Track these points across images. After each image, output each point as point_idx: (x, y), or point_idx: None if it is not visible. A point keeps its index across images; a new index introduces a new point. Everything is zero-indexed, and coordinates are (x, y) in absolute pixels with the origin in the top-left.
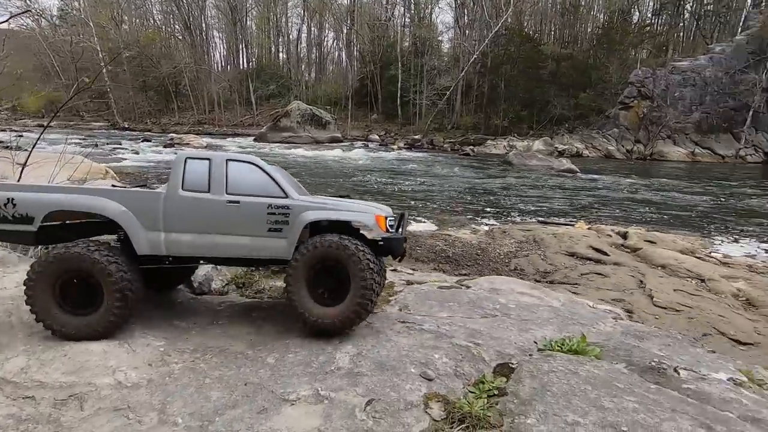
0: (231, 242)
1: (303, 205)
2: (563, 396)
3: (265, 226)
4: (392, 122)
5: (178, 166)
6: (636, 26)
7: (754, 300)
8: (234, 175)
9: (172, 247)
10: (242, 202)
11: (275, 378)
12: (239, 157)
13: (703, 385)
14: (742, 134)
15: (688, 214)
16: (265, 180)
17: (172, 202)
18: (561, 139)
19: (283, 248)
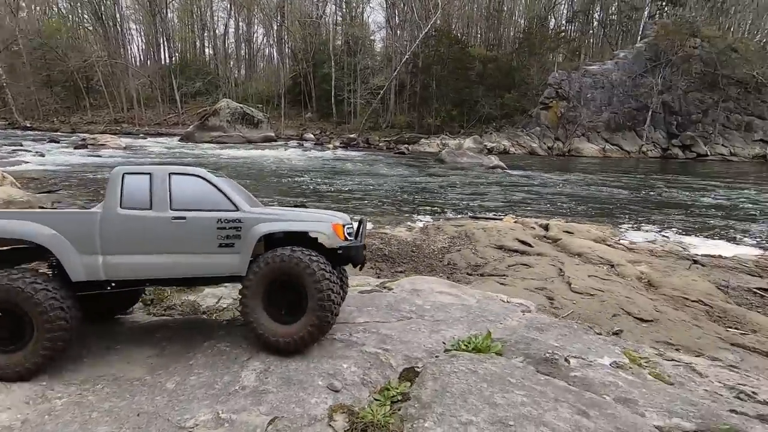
0: (179, 261)
1: (255, 217)
2: (461, 396)
3: (216, 241)
4: (327, 121)
5: (115, 183)
6: (552, 32)
7: (654, 281)
8: (178, 189)
9: (113, 271)
10: (189, 218)
11: (173, 404)
12: (183, 169)
13: (588, 371)
14: (643, 132)
15: (601, 205)
16: (213, 193)
17: (110, 222)
18: (489, 137)
19: (236, 264)
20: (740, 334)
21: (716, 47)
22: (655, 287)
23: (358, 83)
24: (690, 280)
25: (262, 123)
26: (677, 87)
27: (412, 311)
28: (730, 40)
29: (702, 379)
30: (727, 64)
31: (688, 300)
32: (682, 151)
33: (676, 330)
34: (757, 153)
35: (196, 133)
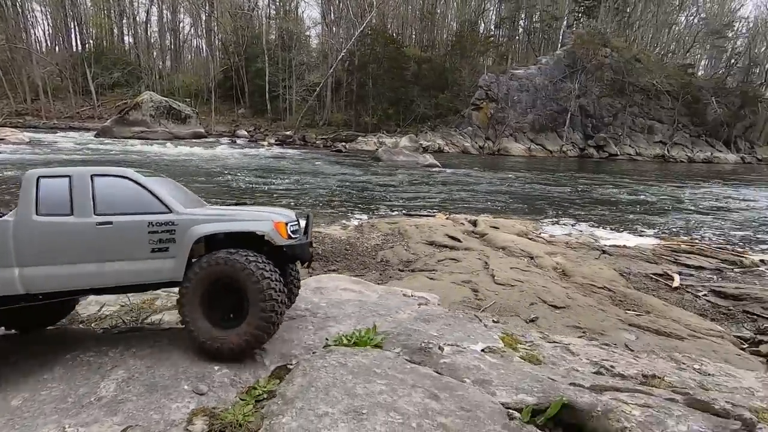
0: (108, 270)
1: (190, 218)
2: (324, 389)
3: (148, 246)
4: (261, 117)
5: (29, 188)
6: (482, 36)
7: (568, 271)
8: (103, 191)
9: (33, 284)
10: (116, 223)
11: (14, 422)
12: (107, 170)
13: (457, 357)
14: (563, 133)
15: (526, 201)
16: (142, 194)
17: (25, 230)
18: (425, 136)
19: (171, 269)
20: (636, 315)
21: (623, 57)
22: (568, 276)
23: (294, 79)
24: (597, 269)
25: (191, 118)
26: (592, 92)
27: (306, 309)
28: (634, 51)
29: (573, 357)
30: (632, 73)
31: (596, 287)
32: (597, 151)
33: (584, 314)
34: (658, 153)
35: (115, 128)
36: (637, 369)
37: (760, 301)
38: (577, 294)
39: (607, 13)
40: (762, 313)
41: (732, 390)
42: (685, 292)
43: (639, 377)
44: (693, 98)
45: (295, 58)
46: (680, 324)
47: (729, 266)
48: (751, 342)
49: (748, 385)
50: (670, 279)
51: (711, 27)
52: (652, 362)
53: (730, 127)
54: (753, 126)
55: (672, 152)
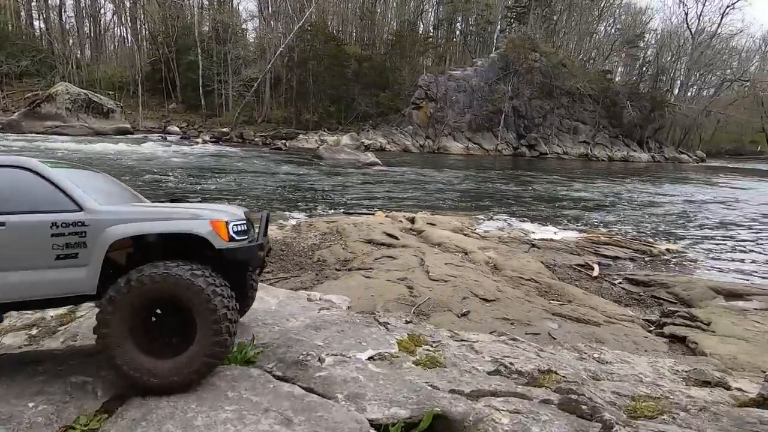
0: (2, 282)
1: (104, 218)
2: (158, 423)
3: (51, 252)
4: (195, 113)
5: None
6: (421, 37)
7: (499, 265)
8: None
9: None
10: (9, 223)
11: None
12: (1, 160)
13: (337, 369)
14: (498, 133)
15: (463, 198)
16: (46, 188)
17: None
18: (366, 134)
19: (81, 280)
20: (560, 305)
21: (551, 62)
22: (499, 270)
23: (230, 74)
24: (526, 262)
25: (114, 112)
26: (523, 94)
27: None
28: (561, 57)
29: (475, 356)
30: (558, 77)
31: (524, 279)
32: (529, 150)
33: (512, 306)
34: (582, 152)
35: (24, 121)
36: (535, 364)
37: (666, 286)
38: (506, 287)
39: (536, 20)
40: (666, 298)
41: (622, 378)
42: (603, 280)
43: (534, 373)
44: (611, 102)
45: (230, 51)
46: (598, 311)
47: (641, 255)
48: (657, 324)
49: (639, 371)
50: (590, 269)
51: (625, 37)
52: (556, 354)
53: (642, 128)
54: (661, 128)
55: (594, 151)
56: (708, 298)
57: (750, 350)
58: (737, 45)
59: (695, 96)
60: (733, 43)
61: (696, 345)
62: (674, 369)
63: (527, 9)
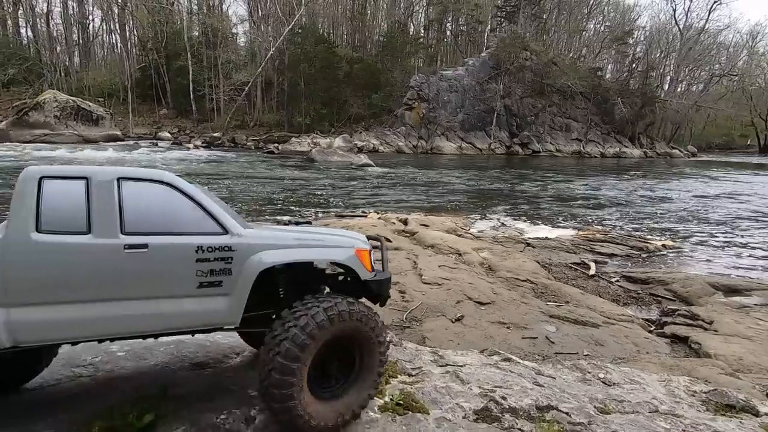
0: (136, 312)
1: (252, 243)
2: None
3: (194, 279)
4: (186, 118)
5: (27, 193)
6: (412, 37)
7: (493, 265)
8: (133, 202)
9: (24, 332)
10: (152, 246)
11: None
12: (140, 173)
13: None
14: (491, 132)
15: (457, 197)
16: (188, 207)
17: (18, 254)
18: (359, 136)
19: (224, 311)
20: (556, 306)
21: (542, 60)
22: (494, 271)
23: (220, 78)
24: (521, 262)
25: (104, 119)
26: (515, 93)
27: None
28: (551, 55)
29: (462, 388)
30: (549, 75)
31: (519, 280)
32: (522, 148)
33: (508, 309)
34: (575, 149)
35: (12, 130)
36: (532, 397)
37: (663, 283)
38: (502, 289)
39: (526, 19)
40: (665, 295)
41: (635, 407)
42: (600, 279)
43: (532, 411)
44: (602, 98)
45: (221, 56)
46: (596, 312)
47: (637, 252)
48: (657, 324)
49: (653, 394)
50: (586, 267)
51: (614, 34)
52: (556, 377)
53: (633, 124)
54: (652, 124)
55: (587, 148)
56: (707, 295)
57: (755, 349)
58: (725, 40)
59: (685, 91)
60: (721, 38)
61: (699, 346)
62: (691, 390)
63: (517, 8)
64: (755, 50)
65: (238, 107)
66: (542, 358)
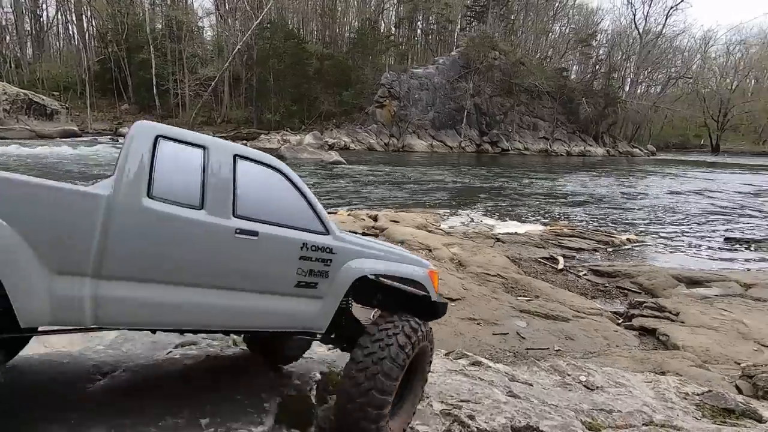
0: (234, 304)
1: (350, 248)
2: None
3: (294, 278)
4: (150, 114)
5: (141, 149)
6: (383, 35)
7: (464, 261)
8: (247, 184)
9: (110, 312)
10: (262, 235)
11: None
12: (257, 155)
13: None
14: (461, 130)
15: (428, 194)
16: (297, 201)
17: (127, 219)
18: (330, 133)
19: (315, 315)
20: (527, 300)
21: (510, 60)
22: (464, 266)
23: (186, 73)
24: (491, 257)
25: (60, 114)
26: (484, 92)
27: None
28: (519, 55)
29: (420, 405)
30: (518, 75)
31: (489, 275)
32: (491, 147)
33: (478, 305)
34: (542, 148)
35: None
36: (507, 415)
37: (629, 276)
38: (472, 284)
39: (495, 19)
40: (631, 288)
41: (626, 419)
42: (568, 273)
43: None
44: (568, 98)
45: (186, 49)
46: (566, 306)
47: (603, 246)
48: (625, 317)
49: (642, 399)
50: (555, 262)
51: (579, 36)
52: (533, 383)
53: (597, 124)
54: (614, 123)
55: (554, 147)
56: (671, 287)
57: (721, 340)
58: (680, 44)
59: (644, 93)
60: (677, 42)
61: (667, 338)
62: (682, 392)
63: (486, 8)
64: (707, 54)
65: (205, 103)
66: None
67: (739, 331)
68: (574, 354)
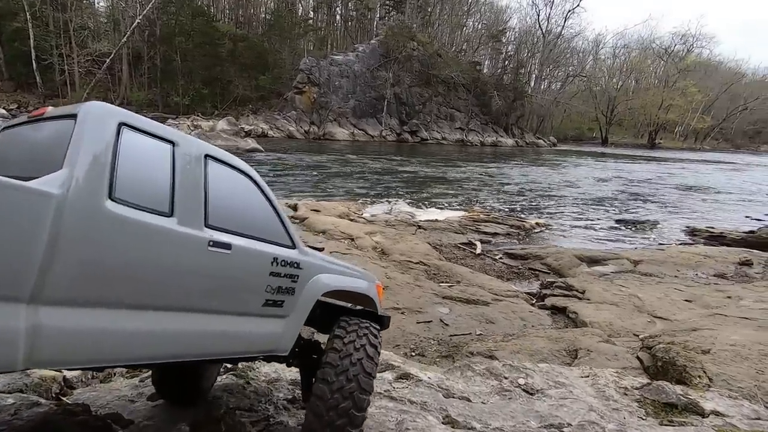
0: (198, 330)
1: (313, 263)
2: None
3: (262, 296)
4: (29, 92)
5: (100, 138)
6: (301, 18)
7: (386, 249)
8: (218, 189)
9: (51, 346)
10: (235, 248)
11: None
12: (226, 156)
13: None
14: (382, 119)
15: (350, 183)
16: (266, 210)
17: (83, 225)
18: (246, 119)
19: (279, 336)
20: (449, 286)
21: (428, 51)
22: (387, 255)
23: (73, 47)
24: (414, 244)
25: None
26: (404, 81)
27: None
28: (436, 47)
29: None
30: (435, 66)
31: (412, 262)
32: (411, 136)
33: (402, 294)
34: (458, 138)
35: None
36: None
37: (539, 258)
38: (395, 272)
39: (413, 10)
40: (541, 269)
41: (572, 426)
42: (485, 257)
43: None
44: (481, 91)
45: (72, 20)
46: (485, 289)
47: (515, 230)
48: (538, 297)
49: (586, 402)
50: (473, 246)
51: (490, 32)
52: (469, 395)
53: (507, 116)
54: (522, 116)
55: (469, 137)
56: (575, 266)
57: (621, 314)
58: (577, 46)
59: (547, 89)
60: (573, 43)
61: (576, 315)
62: (621, 386)
63: None
64: (598, 56)
65: (99, 82)
66: (438, 344)
67: (635, 305)
68: (495, 338)
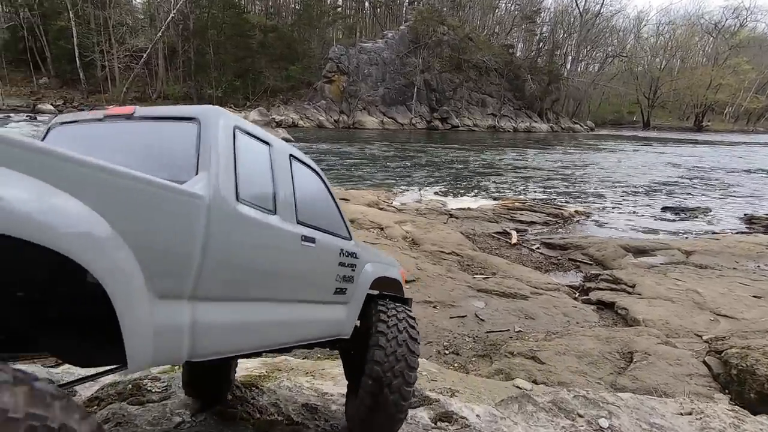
0: (295, 318)
1: (363, 252)
2: None
3: (333, 285)
4: (74, 89)
5: (224, 142)
6: (329, 7)
7: (417, 239)
8: (301, 187)
9: (209, 341)
10: (318, 242)
11: None
12: (301, 155)
13: None
14: (412, 106)
15: (379, 171)
16: (330, 204)
17: (224, 227)
18: (277, 109)
19: (343, 321)
20: (484, 279)
21: (458, 35)
22: (418, 245)
23: (113, 43)
24: (446, 234)
25: None
26: (434, 67)
27: None
28: (467, 31)
29: None
30: (466, 51)
31: (444, 253)
32: (441, 123)
33: (434, 286)
34: (490, 124)
35: None
36: None
37: (580, 248)
38: (427, 263)
39: None
40: (582, 260)
41: None
42: (522, 247)
43: None
44: (514, 75)
45: (112, 17)
46: (523, 282)
47: (553, 219)
48: (581, 290)
49: None
50: (509, 236)
51: (524, 13)
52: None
53: (542, 100)
54: (557, 100)
55: (501, 123)
56: (620, 257)
57: (678, 311)
58: (616, 24)
59: (584, 71)
60: (613, 22)
61: (626, 311)
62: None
63: None
64: (640, 34)
65: (137, 77)
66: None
67: (694, 300)
68: (537, 336)
